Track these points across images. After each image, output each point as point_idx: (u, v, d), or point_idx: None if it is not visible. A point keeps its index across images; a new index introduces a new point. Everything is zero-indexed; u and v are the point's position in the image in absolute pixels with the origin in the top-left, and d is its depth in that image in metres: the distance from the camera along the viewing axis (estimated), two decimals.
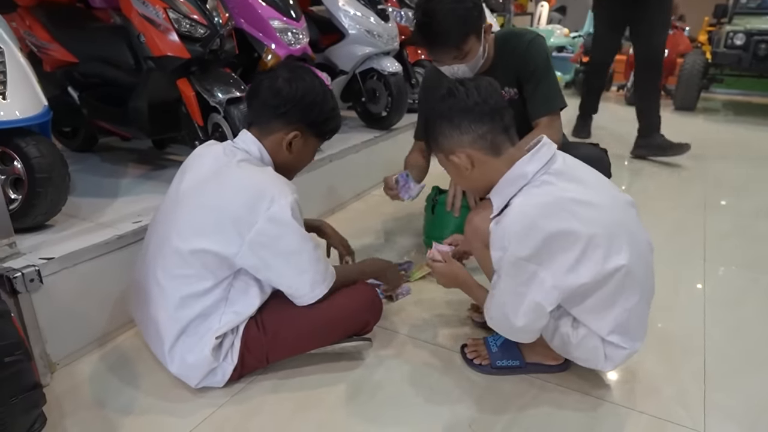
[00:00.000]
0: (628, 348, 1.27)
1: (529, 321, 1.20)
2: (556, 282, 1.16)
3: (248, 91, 1.39)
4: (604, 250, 1.17)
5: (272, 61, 2.34)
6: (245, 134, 1.38)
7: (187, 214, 1.28)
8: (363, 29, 2.79)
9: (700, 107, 5.67)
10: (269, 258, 1.27)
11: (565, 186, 1.20)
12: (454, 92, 1.24)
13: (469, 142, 1.23)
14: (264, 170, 1.31)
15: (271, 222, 1.23)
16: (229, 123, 1.91)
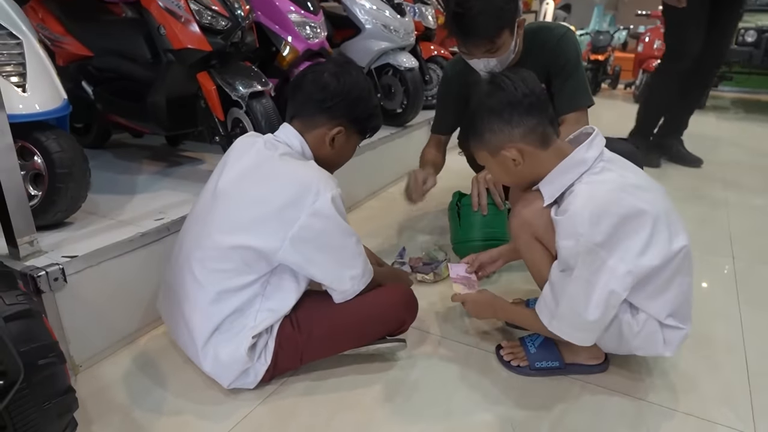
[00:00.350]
0: (685, 328, 1.25)
1: (602, 313, 1.16)
2: (629, 267, 1.13)
3: (292, 83, 1.35)
4: (668, 232, 1.18)
5: (290, 56, 2.30)
6: (287, 128, 1.33)
7: (228, 208, 1.24)
8: (379, 24, 2.74)
9: (710, 105, 5.65)
10: (312, 253, 1.23)
11: (622, 172, 1.21)
12: (502, 85, 1.21)
13: (521, 135, 1.20)
14: (307, 164, 1.27)
15: (315, 216, 1.19)
16: (251, 118, 1.86)
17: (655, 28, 6.08)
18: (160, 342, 1.54)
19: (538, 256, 1.29)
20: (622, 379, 1.40)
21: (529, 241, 1.28)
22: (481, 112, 1.23)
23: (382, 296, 1.37)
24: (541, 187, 1.24)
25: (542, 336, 1.44)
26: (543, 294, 1.26)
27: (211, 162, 2.33)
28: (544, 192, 1.23)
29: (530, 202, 1.27)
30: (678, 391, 1.36)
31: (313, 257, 1.23)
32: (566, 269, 1.18)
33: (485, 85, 1.24)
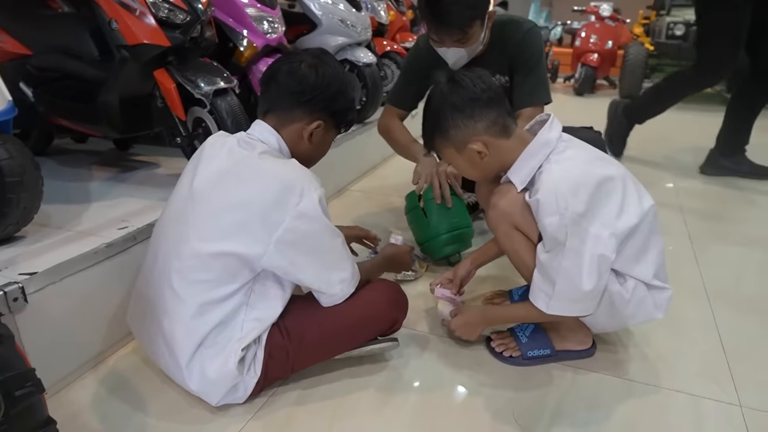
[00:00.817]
0: (670, 288, 1.31)
1: (597, 279, 1.18)
2: (611, 230, 1.18)
3: (265, 76, 1.27)
4: (636, 192, 1.26)
5: (248, 52, 2.20)
6: (260, 124, 1.26)
7: (207, 213, 1.15)
8: (336, 19, 2.69)
9: None
10: (298, 256, 1.16)
11: (583, 148, 1.29)
12: (462, 83, 1.24)
13: (484, 128, 1.24)
14: (288, 162, 1.20)
15: (300, 218, 1.13)
16: (216, 117, 1.76)
17: (590, 24, 6.33)
18: (131, 360, 1.43)
19: (520, 245, 1.29)
20: (610, 362, 1.43)
21: (509, 231, 1.29)
22: (445, 110, 1.25)
23: (372, 296, 1.32)
24: (511, 174, 1.27)
25: (532, 325, 1.44)
26: (534, 281, 1.26)
27: (167, 166, 2.20)
28: (515, 179, 1.25)
29: (504, 192, 1.28)
30: (663, 370, 1.40)
31: (299, 261, 1.17)
32: (554, 247, 1.19)
33: (445, 84, 1.26)
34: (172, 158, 2.27)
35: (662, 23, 5.37)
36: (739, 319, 1.64)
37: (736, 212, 2.59)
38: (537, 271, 1.24)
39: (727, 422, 1.23)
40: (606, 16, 6.17)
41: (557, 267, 1.19)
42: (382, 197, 2.68)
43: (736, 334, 1.56)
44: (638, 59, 5.49)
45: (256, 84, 2.26)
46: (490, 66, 1.91)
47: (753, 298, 1.78)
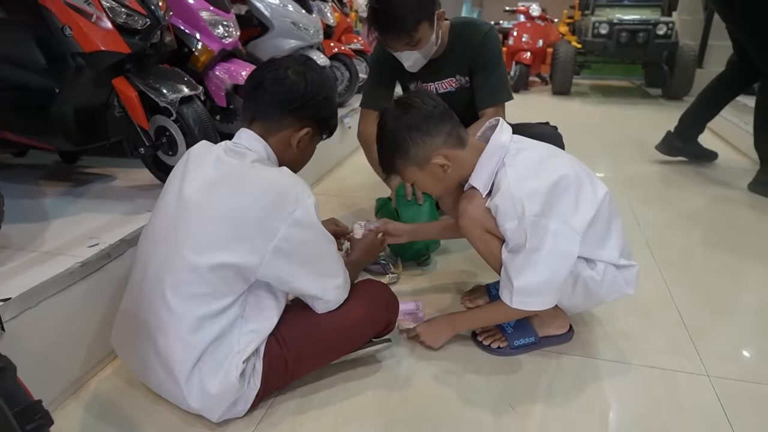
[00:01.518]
0: (636, 264, 1.40)
1: (554, 271, 1.25)
2: (571, 224, 1.25)
3: (250, 84, 1.25)
4: (590, 184, 1.32)
5: (204, 57, 2.14)
6: (247, 132, 1.24)
7: (201, 224, 1.12)
8: (288, 21, 2.66)
9: (573, 91, 6.26)
10: (294, 264, 1.16)
11: (534, 148, 1.36)
12: (412, 104, 1.30)
13: (442, 142, 1.29)
14: (280, 170, 1.20)
15: (296, 226, 1.13)
16: (181, 125, 1.71)
17: (521, 24, 6.59)
18: (114, 382, 1.37)
19: (493, 246, 1.34)
20: (588, 345, 1.51)
21: (482, 235, 1.34)
22: (402, 132, 1.29)
23: (365, 299, 1.34)
24: (473, 181, 1.33)
25: None
26: (502, 277, 1.33)
27: (124, 177, 2.10)
28: (477, 184, 1.32)
29: (470, 198, 1.34)
30: (636, 349, 1.50)
31: (295, 269, 1.17)
32: (515, 248, 1.26)
33: (395, 108, 1.31)
34: (128, 169, 2.17)
35: (588, 22, 5.68)
36: (694, 295, 1.79)
37: (676, 194, 2.80)
38: (502, 271, 1.31)
39: (700, 392, 1.33)
40: (536, 15, 6.46)
41: (516, 265, 1.26)
42: (344, 198, 2.68)
43: (692, 308, 1.70)
44: (568, 57, 5.79)
45: (213, 90, 2.21)
46: (450, 67, 1.98)
47: (702, 273, 1.95)
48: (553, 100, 5.91)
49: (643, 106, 5.53)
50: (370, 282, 1.43)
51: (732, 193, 2.81)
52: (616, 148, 3.79)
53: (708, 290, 1.83)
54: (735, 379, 1.37)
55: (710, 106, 3.14)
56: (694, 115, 3.18)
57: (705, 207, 2.64)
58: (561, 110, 5.34)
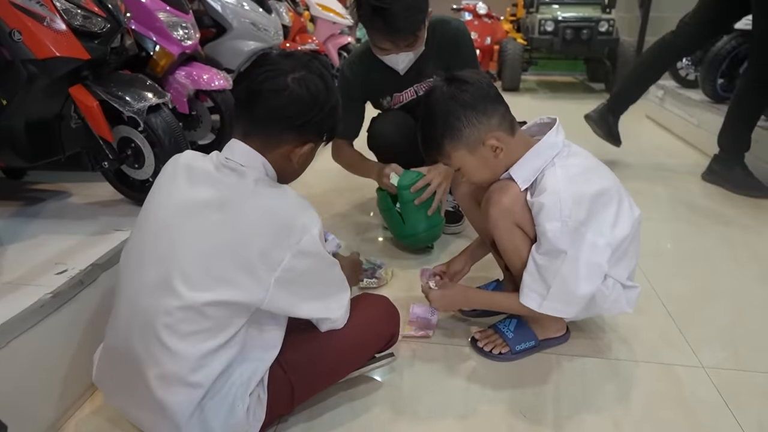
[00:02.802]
0: (639, 286, 1.40)
1: (591, 285, 1.25)
2: (607, 239, 1.24)
3: (243, 94, 1.09)
4: (628, 202, 1.32)
5: (164, 61, 2.01)
6: (240, 145, 1.09)
7: (198, 256, 1.00)
8: (247, 22, 2.55)
9: (522, 87, 6.39)
10: (298, 293, 1.08)
11: (585, 153, 1.34)
12: (467, 80, 1.24)
13: (497, 124, 1.24)
14: (284, 192, 1.08)
15: (300, 256, 1.03)
16: (149, 135, 1.58)
17: (468, 21, 6.66)
18: (95, 423, 1.24)
19: (520, 241, 1.31)
20: (585, 345, 1.52)
21: (510, 228, 1.31)
22: (456, 110, 1.23)
23: (368, 315, 1.27)
24: (514, 172, 1.28)
25: (514, 318, 1.49)
26: (524, 280, 1.30)
27: (80, 193, 1.93)
28: (517, 176, 1.28)
29: (507, 188, 1.29)
30: (630, 345, 1.52)
31: (298, 297, 1.09)
32: (551, 250, 1.23)
33: (446, 85, 1.25)
34: (83, 184, 2.00)
35: (534, 20, 5.82)
36: (674, 286, 1.83)
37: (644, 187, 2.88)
38: (532, 270, 1.28)
39: (698, 383, 1.36)
40: (483, 13, 6.54)
41: (555, 271, 1.23)
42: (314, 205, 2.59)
43: (675, 300, 1.74)
44: (515, 54, 5.90)
45: (174, 96, 2.08)
46: (430, 64, 1.95)
47: (677, 264, 2.01)
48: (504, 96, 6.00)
49: (589, 100, 5.68)
50: (368, 296, 1.37)
51: (687, 184, 2.93)
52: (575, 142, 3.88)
53: (685, 280, 1.89)
54: (729, 369, 1.41)
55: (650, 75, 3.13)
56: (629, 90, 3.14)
57: (664, 197, 2.73)
58: (513, 106, 5.22)
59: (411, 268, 1.93)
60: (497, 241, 1.36)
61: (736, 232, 2.29)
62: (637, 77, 3.10)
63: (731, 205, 2.59)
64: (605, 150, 3.15)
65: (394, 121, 2.06)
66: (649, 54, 3.11)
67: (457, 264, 1.60)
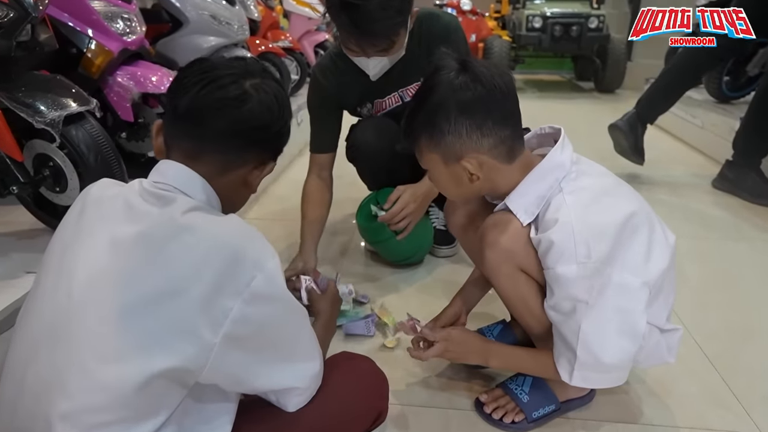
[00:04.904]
0: (680, 329, 1.13)
1: (628, 343, 0.98)
2: (643, 278, 0.97)
3: (186, 104, 0.83)
4: (660, 227, 1.06)
5: (101, 59, 1.68)
6: (176, 167, 0.83)
7: (111, 315, 0.71)
8: (206, 15, 2.23)
9: None
10: (254, 355, 0.79)
11: (598, 170, 1.09)
12: (480, 77, 0.95)
13: (489, 147, 0.98)
14: (227, 220, 0.82)
15: (255, 302, 0.75)
16: (71, 151, 1.27)
17: None
18: None
19: (528, 290, 1.06)
20: (613, 406, 1.23)
21: (513, 274, 1.05)
22: (449, 109, 0.96)
23: (346, 384, 0.98)
24: (511, 202, 1.02)
25: (529, 377, 1.20)
26: (555, 341, 1.03)
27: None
28: (515, 207, 1.02)
29: (504, 225, 1.03)
30: (667, 404, 1.25)
31: (256, 362, 0.80)
32: (565, 302, 0.97)
33: (457, 72, 0.96)
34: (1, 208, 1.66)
35: (521, 16, 5.58)
36: (707, 320, 1.57)
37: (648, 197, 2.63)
38: (555, 334, 1.01)
39: None
40: (467, 10, 6.30)
41: (575, 329, 0.96)
42: (288, 222, 2.27)
43: (712, 339, 1.47)
44: (502, 52, 5.66)
45: (115, 101, 1.75)
46: (415, 69, 1.66)
47: (704, 291, 1.74)
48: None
49: (579, 100, 5.51)
50: (350, 358, 1.07)
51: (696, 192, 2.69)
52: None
53: (718, 310, 1.63)
54: None
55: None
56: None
57: (672, 209, 2.48)
58: None
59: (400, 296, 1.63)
60: (498, 291, 1.10)
61: (759, 248, 2.05)
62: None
63: (748, 217, 2.35)
64: (595, 157, 2.89)
65: (376, 126, 1.76)
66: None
67: (449, 315, 1.29)
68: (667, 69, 2.82)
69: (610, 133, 2.82)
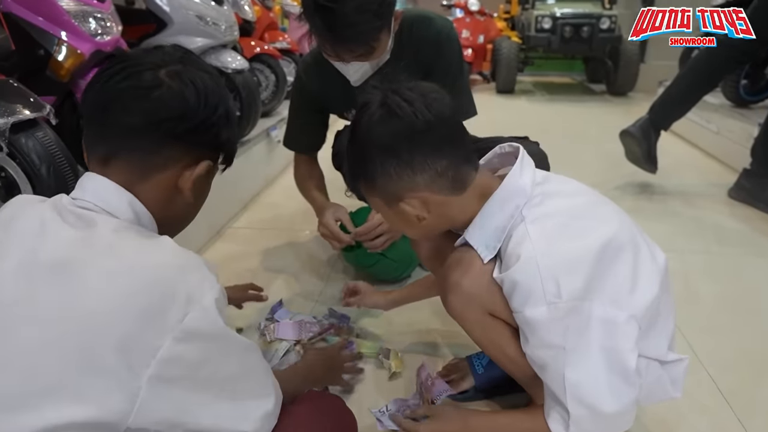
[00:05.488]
0: (685, 357, 0.99)
1: (626, 387, 0.84)
2: (629, 310, 0.83)
3: (93, 103, 0.75)
4: (647, 247, 0.92)
5: (70, 61, 1.59)
6: (95, 180, 0.74)
7: (17, 355, 0.61)
8: (192, 14, 2.13)
9: (517, 89, 6.01)
10: (189, 398, 0.68)
11: (569, 188, 0.96)
12: (397, 111, 0.83)
13: (426, 183, 0.87)
14: (158, 245, 0.71)
15: (189, 339, 0.65)
16: (21, 162, 1.17)
17: (460, 19, 6.29)
18: None
19: (500, 335, 0.94)
20: None
21: (482, 320, 0.94)
22: (370, 150, 0.86)
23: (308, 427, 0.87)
24: (471, 237, 0.91)
25: None
26: (545, 394, 0.90)
27: None
28: (475, 242, 0.91)
29: (465, 266, 0.92)
30: None
31: (192, 405, 0.69)
32: (541, 350, 0.85)
33: (377, 105, 0.86)
34: None
35: (530, 17, 5.44)
36: (719, 348, 1.42)
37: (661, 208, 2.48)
38: (541, 384, 0.89)
39: None
40: (475, 10, 6.17)
41: (559, 380, 0.84)
42: (280, 232, 2.18)
43: (725, 369, 1.33)
44: (511, 53, 5.53)
45: None
46: (406, 70, 1.54)
47: (717, 314, 1.60)
48: (498, 99, 5.62)
49: (590, 103, 5.35)
50: (312, 399, 0.95)
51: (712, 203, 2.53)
52: (582, 155, 3.47)
53: (732, 335, 1.48)
54: None
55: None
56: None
57: (686, 221, 2.33)
58: (508, 110, 5.04)
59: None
60: (470, 336, 0.98)
61: None
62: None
63: (767, 230, 2.20)
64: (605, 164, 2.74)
65: None
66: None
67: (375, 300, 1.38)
68: (683, 73, 2.66)
69: (622, 139, 2.67)
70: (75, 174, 1.23)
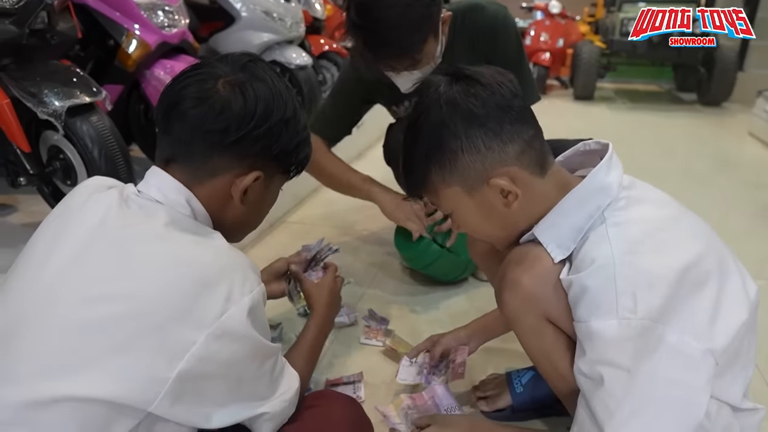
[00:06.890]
0: (762, 408, 0.85)
1: (690, 425, 0.72)
2: (707, 344, 0.72)
3: (162, 105, 0.77)
4: (738, 272, 0.82)
5: (138, 52, 1.65)
6: (159, 175, 0.77)
7: (55, 326, 0.64)
8: (259, 10, 2.17)
9: (597, 96, 5.71)
10: (212, 394, 0.70)
11: (658, 198, 0.86)
12: (480, 80, 0.78)
13: (516, 154, 0.80)
14: (210, 242, 0.75)
15: (222, 338, 0.67)
16: (77, 145, 1.21)
17: (539, 21, 6.08)
18: None
19: (553, 344, 0.85)
20: None
21: (538, 325, 0.84)
22: (455, 124, 0.79)
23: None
24: (540, 233, 0.83)
25: None
26: (578, 417, 0.80)
27: (26, 210, 1.60)
28: (547, 240, 0.82)
29: (530, 260, 0.83)
30: None
31: (213, 402, 0.71)
32: (597, 366, 0.75)
33: (448, 84, 0.80)
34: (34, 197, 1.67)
35: (615, 20, 5.15)
36: None
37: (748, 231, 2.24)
38: (580, 403, 0.78)
39: None
40: (556, 13, 5.93)
41: (612, 404, 0.73)
42: (332, 228, 2.17)
43: None
44: (592, 58, 5.25)
45: (152, 94, 1.72)
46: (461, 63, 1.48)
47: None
48: (575, 105, 5.36)
49: (678, 113, 4.97)
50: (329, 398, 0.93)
51: None
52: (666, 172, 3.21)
53: None
54: None
55: None
56: None
57: None
58: (585, 117, 4.79)
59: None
60: (520, 341, 0.89)
61: None
62: None
63: None
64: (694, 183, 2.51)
65: None
66: None
67: (452, 337, 1.16)
68: None
69: None
70: (126, 160, 1.28)
